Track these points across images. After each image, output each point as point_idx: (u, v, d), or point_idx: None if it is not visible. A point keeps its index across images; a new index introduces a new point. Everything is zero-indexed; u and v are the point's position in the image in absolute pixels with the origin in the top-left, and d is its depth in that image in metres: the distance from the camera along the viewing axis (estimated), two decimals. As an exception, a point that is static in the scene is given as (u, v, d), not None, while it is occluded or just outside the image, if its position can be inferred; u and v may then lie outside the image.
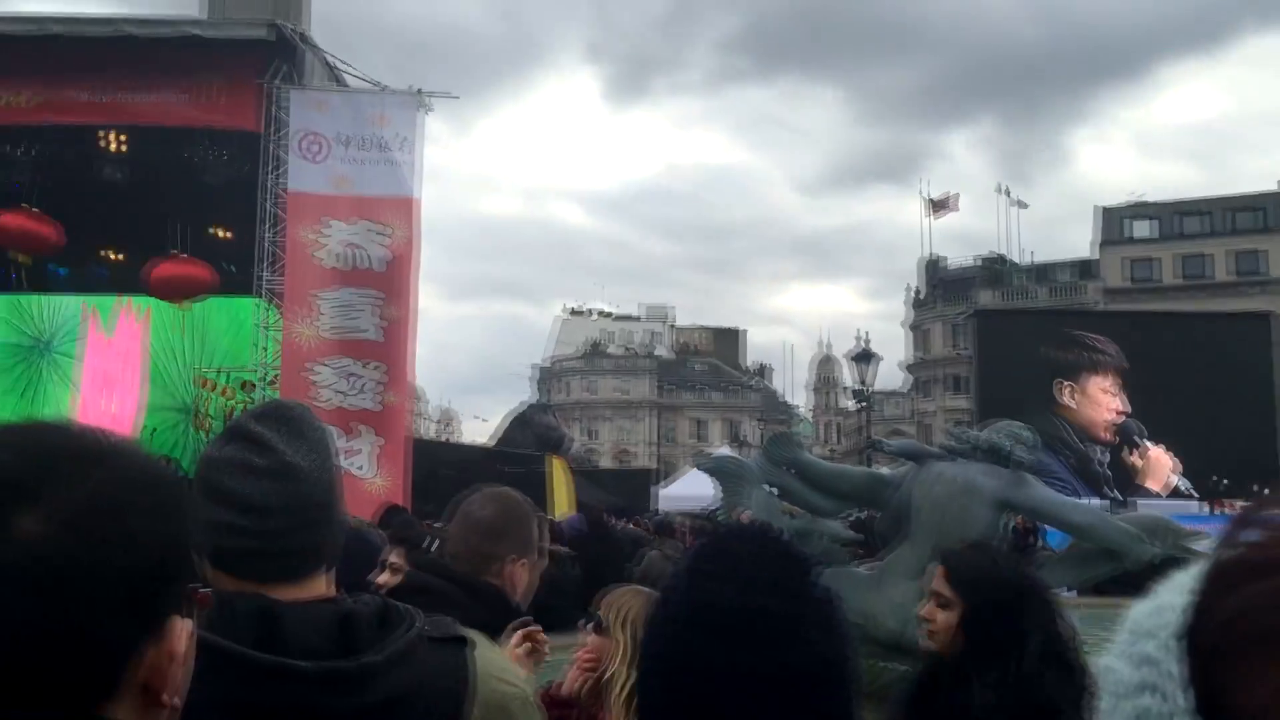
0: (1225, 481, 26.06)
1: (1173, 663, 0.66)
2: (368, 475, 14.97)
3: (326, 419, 15.54)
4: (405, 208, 16.33)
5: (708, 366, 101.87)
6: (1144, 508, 20.85)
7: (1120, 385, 28.34)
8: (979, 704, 3.06)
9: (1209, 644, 0.64)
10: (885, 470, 9.96)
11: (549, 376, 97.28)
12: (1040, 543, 16.41)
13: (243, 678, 1.39)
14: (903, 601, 6.85)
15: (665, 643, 1.39)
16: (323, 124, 16.56)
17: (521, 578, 3.10)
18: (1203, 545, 8.32)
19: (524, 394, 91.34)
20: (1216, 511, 26.23)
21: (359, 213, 16.12)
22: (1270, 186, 64.30)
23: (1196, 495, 26.76)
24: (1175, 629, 0.66)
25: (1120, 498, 26.96)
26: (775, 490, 8.36)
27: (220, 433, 1.74)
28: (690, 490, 25.68)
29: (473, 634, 2.75)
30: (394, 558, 4.80)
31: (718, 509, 8.51)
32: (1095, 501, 22.38)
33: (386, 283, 15.89)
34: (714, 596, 1.37)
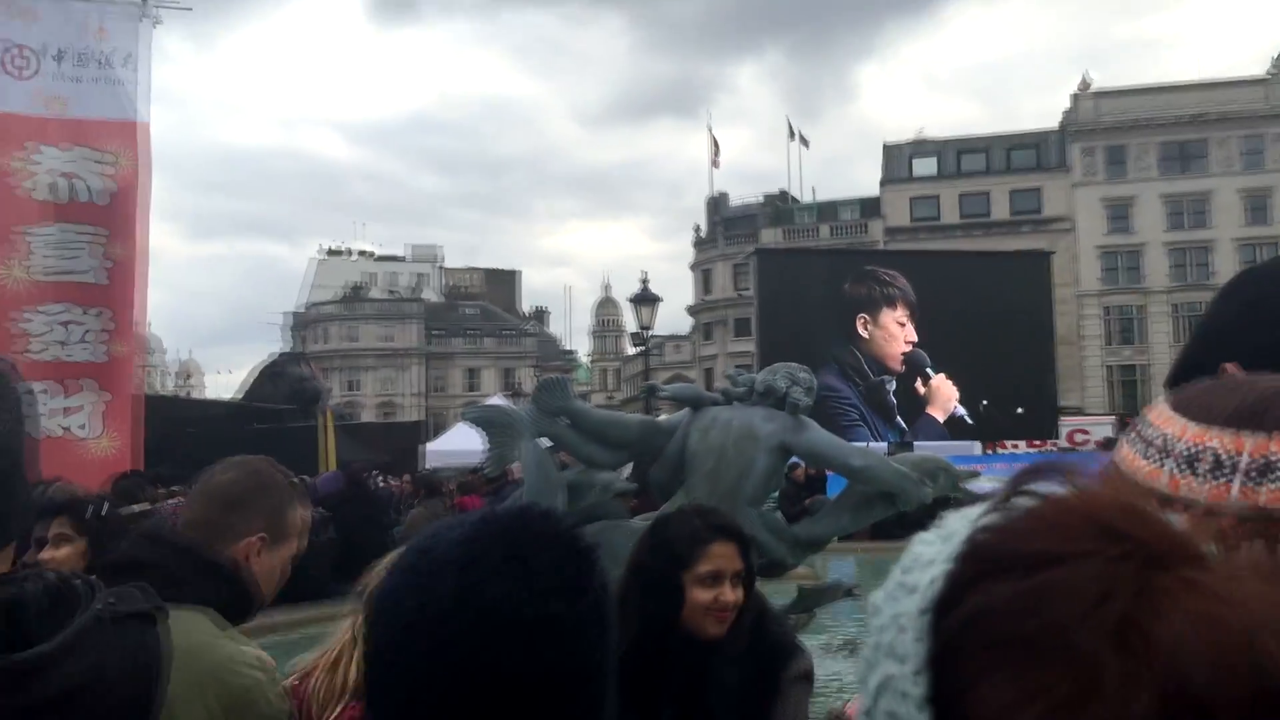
0: (985, 402, 29.74)
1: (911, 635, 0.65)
2: (91, 436, 14.14)
3: (41, 374, 14.52)
4: (130, 133, 15.38)
5: (480, 311, 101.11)
6: (921, 449, 22.10)
7: (910, 316, 30.64)
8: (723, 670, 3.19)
9: (947, 636, 0.63)
10: (663, 417, 10.11)
11: (304, 323, 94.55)
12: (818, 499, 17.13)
13: None
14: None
15: (421, 638, 1.32)
16: (30, 35, 15.39)
17: (265, 561, 2.80)
18: (979, 485, 8.83)
19: (276, 343, 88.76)
20: (988, 452, 28.38)
21: (75, 138, 15.09)
22: (1051, 124, 68.41)
23: (972, 421, 29.93)
24: (924, 599, 0.65)
25: (904, 427, 29.62)
26: (549, 442, 8.38)
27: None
28: (461, 444, 25.52)
29: (201, 614, 2.54)
30: (57, 528, 4.26)
31: (485, 465, 8.42)
32: (876, 445, 23.57)
33: (110, 218, 14.96)
34: (498, 601, 1.32)
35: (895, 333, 30.47)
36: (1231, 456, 0.94)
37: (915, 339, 30.41)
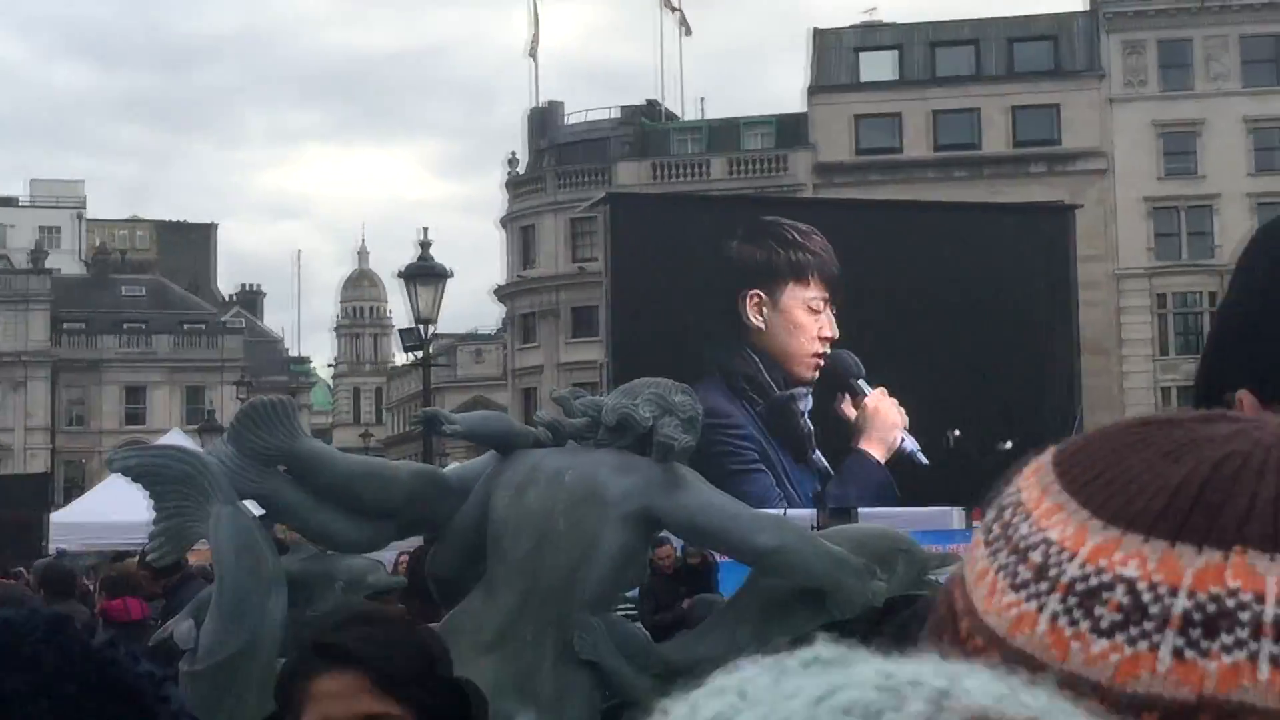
0: (956, 432, 30.34)
1: None
2: None
3: None
4: None
5: (149, 291, 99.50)
6: (870, 518, 22.38)
7: (829, 300, 30.96)
8: None
9: None
10: (451, 467, 10.02)
11: None
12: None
13: None
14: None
15: None
16: None
17: None
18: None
19: None
20: (975, 522, 28.83)
21: None
22: (1077, 2, 70.16)
23: (928, 462, 30.41)
24: None
25: (827, 469, 29.94)
26: (259, 508, 8.33)
27: None
28: (111, 511, 25.06)
29: None
30: None
31: (153, 545, 8.28)
32: (797, 513, 23.78)
33: None
34: None
35: (804, 322, 30.83)
36: (1160, 595, 0.88)
37: (834, 334, 30.77)
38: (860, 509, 27.68)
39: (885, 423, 30.74)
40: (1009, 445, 29.59)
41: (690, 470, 8.31)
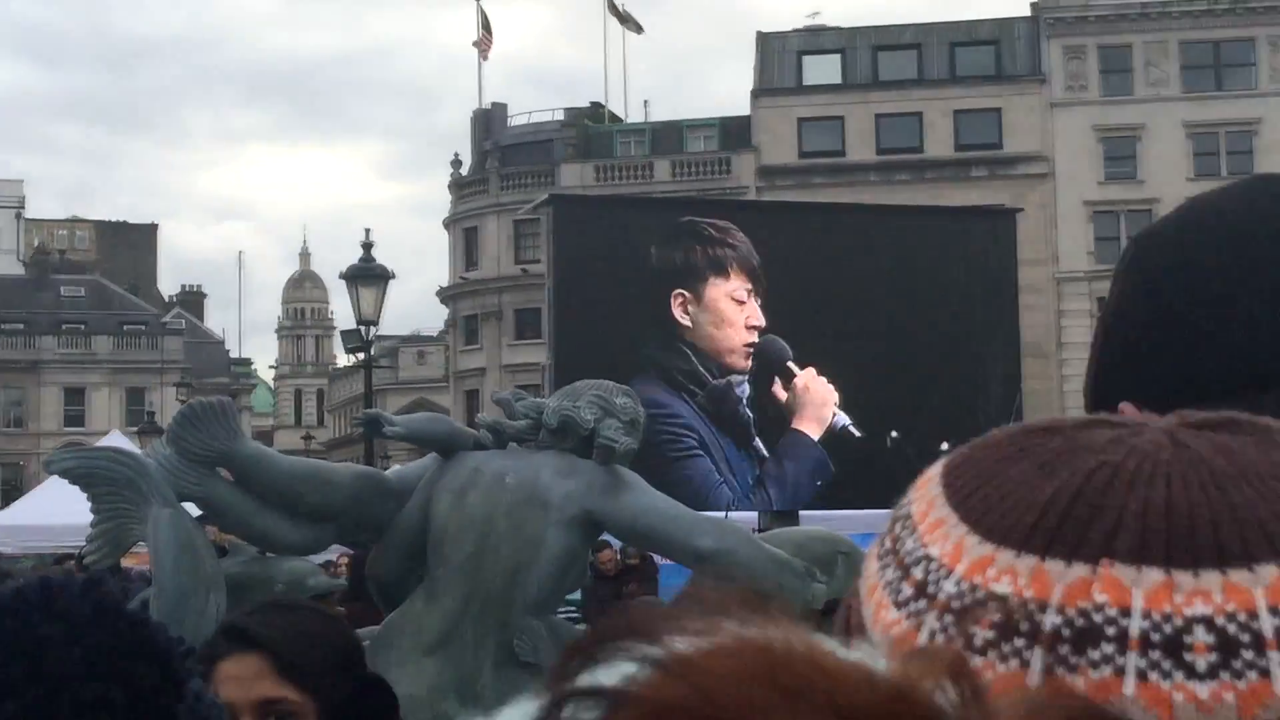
0: (894, 434, 31.09)
1: None
2: None
3: None
4: None
5: (89, 291, 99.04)
6: (813, 521, 22.45)
7: (752, 291, 31.94)
8: None
9: None
10: (394, 469, 9.99)
11: None
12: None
13: None
14: (413, 692, 6.92)
15: None
16: None
17: None
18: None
19: None
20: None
21: None
22: (1020, 8, 70.59)
23: (859, 434, 31.32)
24: None
25: (764, 453, 30.87)
26: (198, 509, 8.30)
27: None
28: (48, 514, 24.97)
29: None
30: None
31: (91, 547, 8.23)
32: (741, 516, 23.85)
33: None
34: None
35: (730, 313, 31.66)
36: (1031, 612, 0.87)
37: (761, 322, 31.62)
38: (803, 511, 27.80)
39: (817, 400, 31.55)
40: (945, 446, 30.18)
41: (632, 473, 8.32)
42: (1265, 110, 65.49)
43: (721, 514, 19.02)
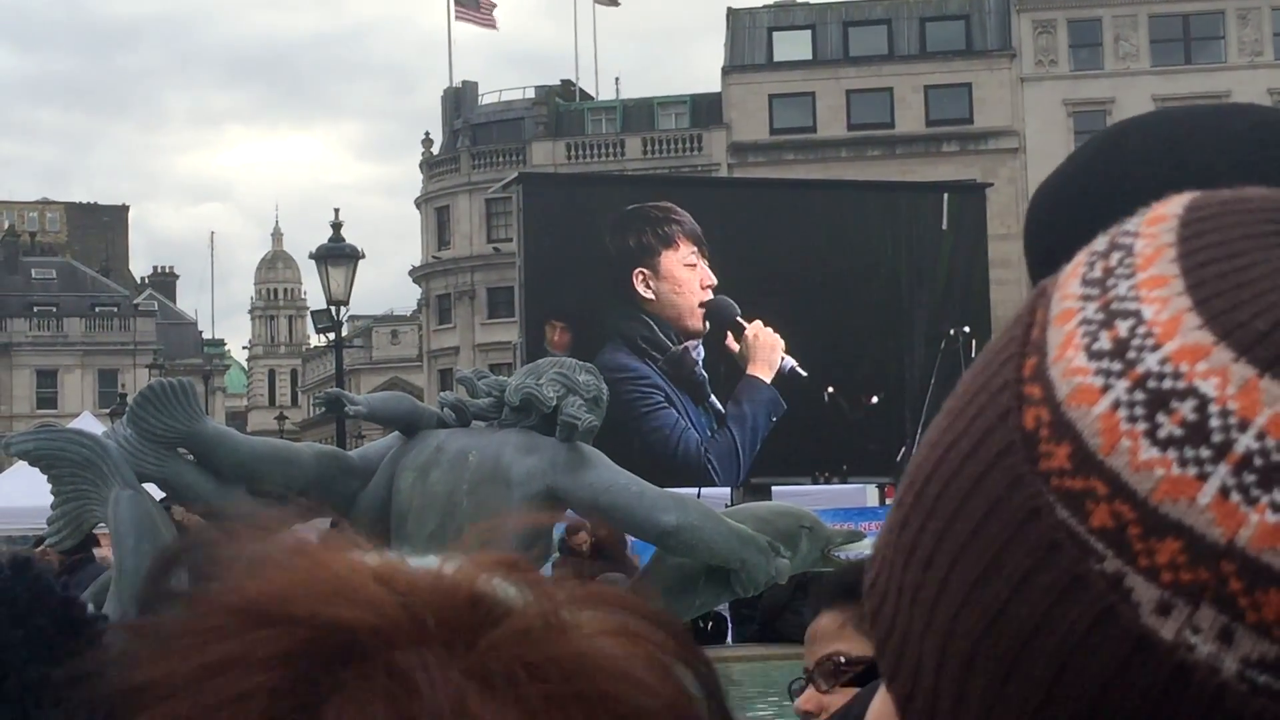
0: (830, 389, 34.20)
1: None
2: None
3: None
4: None
5: (60, 273, 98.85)
6: (783, 496, 22.54)
7: (699, 253, 34.22)
8: None
9: None
10: (359, 450, 9.99)
11: None
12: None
13: None
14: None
15: None
16: None
17: None
18: (863, 550, 8.99)
19: None
20: (888, 500, 29.35)
21: None
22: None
23: (804, 374, 34.24)
24: None
25: (720, 409, 33.43)
26: (160, 491, 8.32)
27: None
28: (17, 495, 24.95)
29: None
30: None
31: (52, 529, 8.23)
32: (711, 493, 23.94)
33: None
34: None
35: (685, 278, 34.00)
36: (1229, 425, 0.77)
37: (713, 281, 33.89)
38: (775, 487, 27.90)
39: (766, 346, 34.12)
40: (874, 401, 34.77)
41: (595, 450, 8.33)
42: (1234, 83, 65.53)
43: (693, 491, 19.07)
